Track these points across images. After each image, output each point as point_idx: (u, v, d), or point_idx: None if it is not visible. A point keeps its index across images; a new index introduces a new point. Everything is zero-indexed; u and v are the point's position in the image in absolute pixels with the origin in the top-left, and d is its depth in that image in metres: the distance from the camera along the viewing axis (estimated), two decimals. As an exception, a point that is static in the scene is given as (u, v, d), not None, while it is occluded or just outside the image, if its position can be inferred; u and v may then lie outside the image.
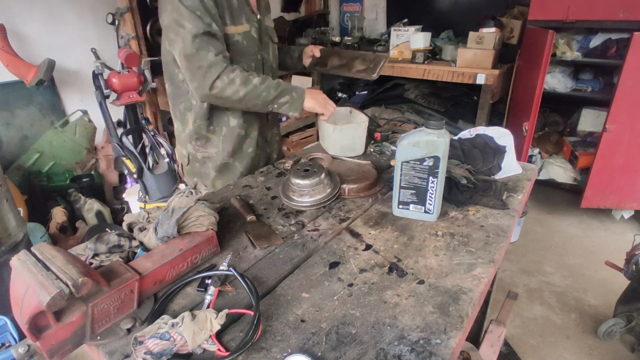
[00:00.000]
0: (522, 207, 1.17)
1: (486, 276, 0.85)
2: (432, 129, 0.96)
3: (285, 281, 0.86)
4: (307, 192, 1.13)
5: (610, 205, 2.90)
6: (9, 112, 2.47)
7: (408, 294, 0.80)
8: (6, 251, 1.73)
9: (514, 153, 1.34)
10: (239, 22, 1.35)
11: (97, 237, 0.85)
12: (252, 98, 1.29)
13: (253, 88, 1.28)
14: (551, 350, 1.97)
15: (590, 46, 3.03)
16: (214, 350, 0.68)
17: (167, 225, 0.85)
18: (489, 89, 2.92)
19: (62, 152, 2.67)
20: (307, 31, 4.05)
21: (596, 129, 3.23)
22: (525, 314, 2.20)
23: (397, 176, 1.03)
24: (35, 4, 2.44)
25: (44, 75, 2.31)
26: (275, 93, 1.31)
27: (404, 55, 3.42)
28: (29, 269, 0.65)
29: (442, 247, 0.95)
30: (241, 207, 1.13)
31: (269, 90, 1.30)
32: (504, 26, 3.18)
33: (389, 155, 1.53)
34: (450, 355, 0.66)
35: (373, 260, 0.91)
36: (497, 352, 1.48)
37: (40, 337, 0.64)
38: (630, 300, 1.93)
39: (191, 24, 1.20)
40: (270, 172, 1.43)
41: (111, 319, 0.73)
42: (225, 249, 0.97)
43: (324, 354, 0.67)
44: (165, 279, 0.83)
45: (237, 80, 1.26)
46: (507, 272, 2.51)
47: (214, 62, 1.23)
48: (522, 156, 2.91)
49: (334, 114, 1.45)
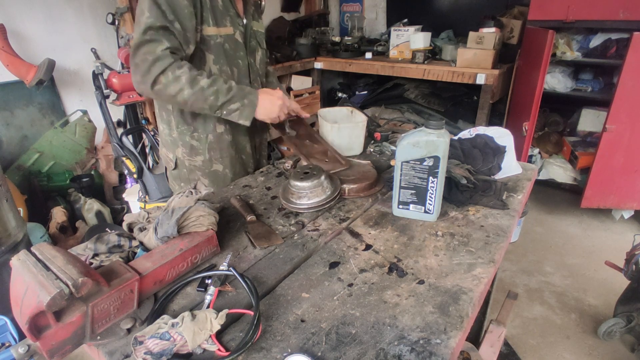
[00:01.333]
0: (522, 207, 1.17)
1: (486, 276, 0.85)
2: (432, 129, 0.96)
3: (285, 281, 0.86)
4: (306, 194, 1.12)
5: (610, 205, 2.90)
6: (9, 112, 2.47)
7: (408, 294, 0.80)
8: (6, 251, 1.73)
9: (514, 153, 1.34)
10: (222, 23, 1.29)
11: (97, 237, 0.85)
12: (198, 100, 1.20)
13: (199, 90, 1.18)
14: (551, 350, 1.97)
15: (590, 46, 3.03)
16: (214, 350, 0.68)
17: (167, 225, 0.85)
18: (489, 89, 2.92)
19: (62, 152, 2.67)
20: (307, 31, 4.05)
21: (596, 129, 3.23)
22: (525, 314, 2.20)
23: (397, 176, 1.03)
24: (35, 3, 2.44)
25: (44, 75, 2.31)
26: (225, 99, 1.22)
27: (404, 55, 3.42)
28: (29, 269, 0.65)
29: (442, 247, 0.95)
30: (241, 207, 1.13)
31: (217, 95, 1.20)
32: (504, 26, 3.18)
33: (389, 155, 1.53)
34: (450, 355, 0.66)
35: (373, 260, 0.91)
36: (497, 352, 1.48)
37: (40, 337, 0.64)
38: (630, 300, 1.93)
39: (150, 14, 1.12)
40: (270, 172, 1.43)
41: (111, 319, 0.73)
42: (225, 249, 0.97)
43: (324, 354, 0.67)
44: (165, 279, 0.83)
45: (182, 79, 1.16)
46: (507, 272, 2.51)
47: (160, 55, 1.13)
48: (522, 156, 2.91)
49: None
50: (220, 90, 1.21)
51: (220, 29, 1.28)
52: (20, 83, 2.39)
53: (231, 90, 1.23)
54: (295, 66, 3.60)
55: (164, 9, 1.13)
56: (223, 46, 1.31)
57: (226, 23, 1.30)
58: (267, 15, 3.78)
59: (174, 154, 1.47)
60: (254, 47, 1.44)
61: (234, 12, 1.33)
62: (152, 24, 1.12)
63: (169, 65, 1.14)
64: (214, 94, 1.20)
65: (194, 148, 1.43)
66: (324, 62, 3.77)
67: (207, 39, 1.27)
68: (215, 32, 1.27)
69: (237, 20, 1.34)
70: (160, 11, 1.13)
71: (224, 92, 1.21)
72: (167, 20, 1.14)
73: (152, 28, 1.12)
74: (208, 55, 1.29)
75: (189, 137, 1.41)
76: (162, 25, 1.13)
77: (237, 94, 1.24)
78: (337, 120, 1.56)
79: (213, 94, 1.20)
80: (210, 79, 1.20)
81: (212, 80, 1.20)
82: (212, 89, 1.20)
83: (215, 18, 1.26)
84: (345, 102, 4.06)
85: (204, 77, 1.19)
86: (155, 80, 1.15)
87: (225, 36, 1.31)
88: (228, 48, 1.32)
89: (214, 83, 1.20)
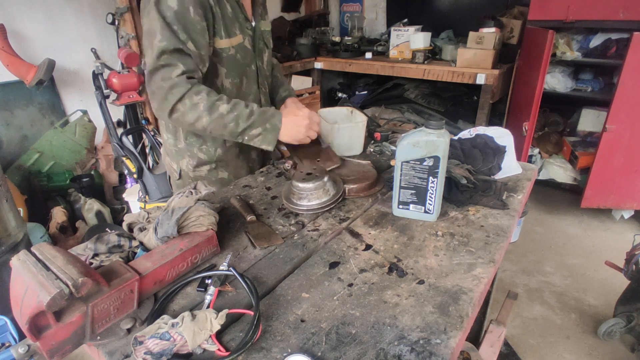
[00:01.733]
0: (522, 207, 1.17)
1: (486, 276, 0.85)
2: (432, 129, 0.96)
3: (285, 281, 0.86)
4: (307, 195, 1.11)
5: (610, 205, 2.90)
6: (9, 112, 2.47)
7: (408, 294, 0.80)
8: (6, 251, 1.73)
9: (514, 153, 1.34)
10: (232, 33, 1.23)
11: (97, 237, 0.85)
12: (217, 127, 1.15)
13: (219, 117, 1.14)
14: (551, 350, 1.97)
15: (590, 46, 3.03)
16: (214, 350, 0.68)
17: (167, 225, 0.85)
18: (489, 89, 2.92)
19: (62, 152, 2.67)
20: (307, 31, 4.05)
21: (596, 129, 3.23)
22: (525, 314, 2.20)
23: (397, 176, 1.03)
24: (35, 3, 2.44)
25: (44, 75, 2.31)
26: (245, 125, 1.16)
27: (404, 55, 3.43)
28: (29, 269, 0.65)
29: (442, 247, 0.95)
30: (241, 207, 1.13)
31: (237, 121, 1.15)
32: (504, 26, 3.18)
33: (389, 155, 1.53)
34: (450, 355, 0.66)
35: (373, 260, 0.91)
36: (497, 352, 1.48)
37: (40, 337, 0.64)
38: (630, 300, 1.93)
39: (163, 37, 1.07)
40: (270, 172, 1.43)
41: (111, 319, 0.73)
42: (225, 249, 0.97)
43: (324, 354, 0.67)
44: (165, 279, 0.83)
45: (200, 106, 1.12)
46: (507, 272, 2.51)
47: (177, 82, 1.09)
48: (522, 156, 2.91)
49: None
50: (241, 116, 1.15)
51: (232, 40, 1.22)
52: (20, 83, 2.39)
53: (252, 115, 1.16)
54: (295, 66, 3.61)
55: (175, 28, 1.08)
56: (235, 57, 1.26)
57: (236, 31, 1.24)
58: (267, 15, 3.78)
59: (179, 165, 1.43)
60: (261, 49, 1.39)
61: (243, 16, 1.27)
62: (165, 47, 1.07)
63: (187, 92, 1.10)
64: (234, 120, 1.15)
65: (201, 160, 1.38)
66: (324, 62, 3.78)
67: (220, 52, 1.22)
68: (228, 44, 1.22)
69: (245, 25, 1.28)
70: (172, 32, 1.08)
71: (244, 117, 1.15)
72: (180, 41, 1.09)
73: (165, 52, 1.08)
74: (221, 69, 1.25)
75: (197, 150, 1.36)
76: (175, 48, 1.08)
77: (259, 119, 1.17)
78: (337, 120, 1.56)
79: (233, 120, 1.15)
80: (231, 103, 1.15)
81: (233, 105, 1.15)
82: (232, 115, 1.14)
83: (226, 29, 1.20)
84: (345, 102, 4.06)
85: (223, 103, 1.14)
86: (172, 109, 1.12)
87: (237, 46, 1.25)
88: (239, 58, 1.27)
89: (234, 108, 1.15)
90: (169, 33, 1.07)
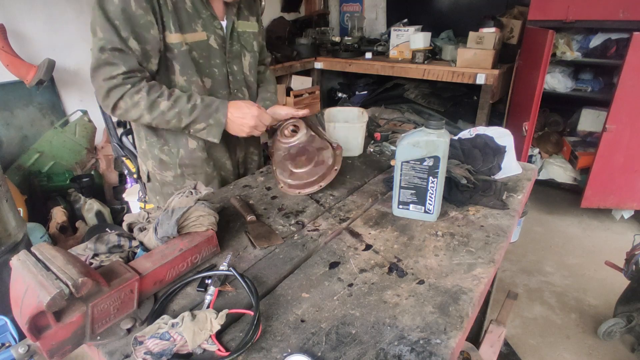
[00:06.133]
0: (522, 207, 1.17)
1: (486, 276, 0.85)
2: (432, 129, 0.96)
3: (285, 281, 0.86)
4: None
5: (610, 205, 2.90)
6: (9, 112, 2.47)
7: (408, 294, 0.80)
8: (6, 251, 1.73)
9: (514, 153, 1.34)
10: (190, 28, 1.16)
11: (97, 237, 0.85)
12: (161, 123, 1.16)
13: (160, 115, 1.13)
14: (551, 350, 1.97)
15: (590, 46, 3.03)
16: (214, 350, 0.68)
17: (167, 225, 0.85)
18: (489, 89, 2.92)
19: (62, 152, 2.67)
20: (307, 31, 4.05)
21: (596, 129, 3.23)
22: (525, 314, 2.20)
23: (397, 176, 1.03)
24: (35, 3, 2.44)
25: (44, 75, 2.31)
26: (188, 120, 1.15)
27: (404, 55, 3.43)
28: (29, 269, 0.65)
29: (442, 247, 0.95)
30: (241, 207, 1.13)
31: (179, 117, 1.14)
32: (504, 26, 3.18)
33: (389, 155, 1.53)
34: (450, 355, 0.66)
35: (373, 260, 0.91)
36: (497, 352, 1.48)
37: (40, 337, 0.64)
38: (630, 300, 1.93)
39: (103, 34, 1.04)
40: (270, 172, 1.43)
41: (111, 319, 0.73)
42: (225, 249, 0.97)
43: (324, 354, 0.67)
44: (165, 279, 0.83)
45: (141, 104, 1.11)
46: (507, 272, 2.51)
47: (116, 82, 1.07)
48: (522, 156, 2.91)
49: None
50: (183, 112, 1.14)
51: (185, 36, 1.15)
52: (20, 83, 2.39)
53: (195, 110, 1.15)
54: (295, 66, 3.61)
55: (117, 23, 1.04)
56: (190, 54, 1.18)
57: (196, 28, 1.17)
58: (267, 15, 3.78)
59: (146, 167, 1.38)
60: (237, 52, 1.30)
61: (209, 14, 1.19)
62: (104, 45, 1.05)
63: (126, 91, 1.09)
64: (176, 117, 1.14)
65: (164, 162, 1.33)
66: (324, 62, 3.78)
67: (171, 47, 1.15)
68: (179, 40, 1.15)
69: (212, 24, 1.21)
70: (113, 28, 1.04)
71: (187, 113, 1.14)
72: (122, 38, 1.05)
73: (105, 49, 1.05)
74: (175, 65, 1.19)
75: (158, 151, 1.32)
76: (115, 47, 1.05)
77: (202, 114, 1.16)
78: (348, 121, 1.55)
79: (175, 117, 1.14)
80: (171, 99, 1.13)
81: (174, 101, 1.13)
82: (173, 112, 1.13)
83: (179, 23, 1.14)
84: (345, 102, 4.06)
85: (164, 99, 1.12)
86: (114, 106, 1.12)
87: (193, 43, 1.18)
88: (197, 56, 1.20)
89: (175, 104, 1.13)
90: (109, 29, 1.04)
